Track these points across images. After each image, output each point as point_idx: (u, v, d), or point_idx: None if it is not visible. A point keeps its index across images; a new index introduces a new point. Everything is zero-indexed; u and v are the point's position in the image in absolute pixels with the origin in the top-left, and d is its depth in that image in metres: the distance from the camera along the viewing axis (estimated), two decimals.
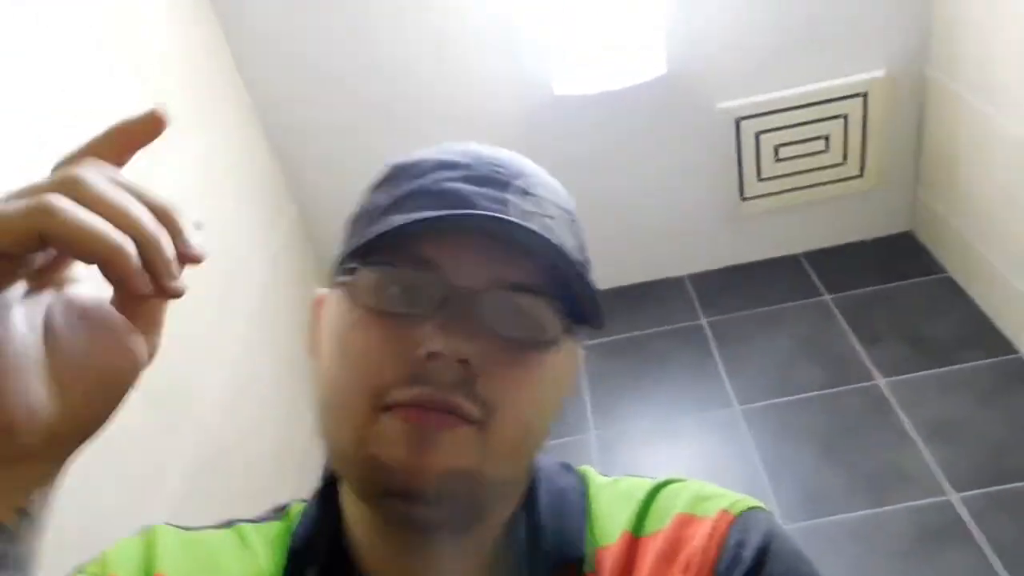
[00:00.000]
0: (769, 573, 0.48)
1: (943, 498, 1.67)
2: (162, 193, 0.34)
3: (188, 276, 0.35)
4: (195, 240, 0.35)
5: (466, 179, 0.49)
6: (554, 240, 0.46)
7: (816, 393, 1.96)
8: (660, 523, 0.53)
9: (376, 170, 0.55)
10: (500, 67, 2.03)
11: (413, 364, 0.45)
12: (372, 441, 0.45)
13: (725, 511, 0.52)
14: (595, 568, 0.52)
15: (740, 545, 0.50)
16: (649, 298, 2.34)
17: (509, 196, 0.48)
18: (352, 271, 0.48)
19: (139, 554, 0.52)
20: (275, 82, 2.02)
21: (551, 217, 0.49)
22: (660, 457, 1.93)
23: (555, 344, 0.49)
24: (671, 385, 2.09)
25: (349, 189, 2.20)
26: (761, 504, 0.54)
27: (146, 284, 0.32)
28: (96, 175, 0.32)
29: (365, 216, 0.51)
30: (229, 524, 0.57)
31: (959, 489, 1.67)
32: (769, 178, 2.22)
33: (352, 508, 0.53)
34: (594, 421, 2.01)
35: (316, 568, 0.52)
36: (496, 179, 0.49)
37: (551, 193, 0.52)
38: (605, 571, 0.51)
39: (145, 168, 1.28)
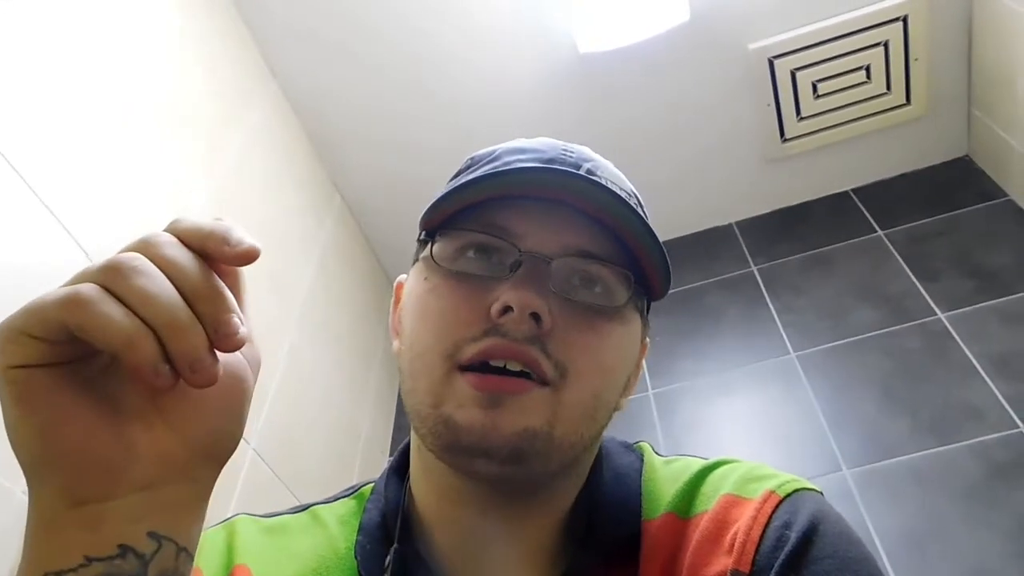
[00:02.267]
0: (814, 556, 0.47)
1: (1014, 431, 1.61)
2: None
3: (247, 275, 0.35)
4: (247, 241, 0.35)
5: (536, 159, 0.52)
6: (626, 202, 0.48)
7: (874, 334, 1.91)
8: (706, 504, 0.53)
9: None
10: (522, 28, 1.99)
11: (486, 320, 0.47)
12: (447, 400, 0.47)
13: (772, 492, 0.52)
14: (640, 541, 0.53)
15: (786, 526, 0.49)
16: (697, 249, 2.30)
17: (579, 173, 0.50)
18: (429, 243, 0.52)
19: (222, 547, 0.54)
20: (298, 61, 2.02)
21: (623, 191, 0.51)
22: (718, 411, 1.91)
23: (621, 313, 0.50)
24: (725, 337, 2.07)
25: (385, 164, 2.24)
26: (813, 485, 0.53)
27: (161, 377, 0.33)
28: (138, 260, 0.33)
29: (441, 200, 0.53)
30: (305, 508, 0.59)
31: None
32: (809, 116, 2.14)
33: (422, 483, 0.54)
34: (651, 381, 2.00)
35: (387, 542, 0.53)
36: (565, 160, 0.52)
37: (617, 179, 0.54)
38: (648, 545, 0.52)
39: (189, 164, 1.29)
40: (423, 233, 0.54)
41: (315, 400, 1.78)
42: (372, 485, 0.60)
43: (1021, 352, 1.74)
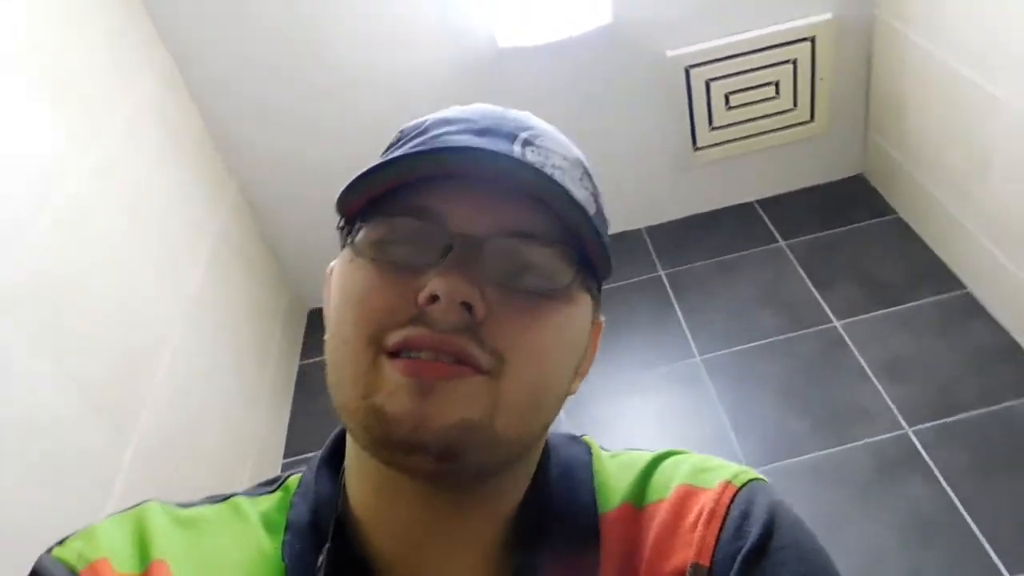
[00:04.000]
0: (774, 546, 0.47)
1: (899, 432, 1.71)
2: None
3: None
4: None
5: (467, 131, 0.48)
6: (555, 180, 0.45)
7: (775, 339, 1.99)
8: (661, 493, 0.52)
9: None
10: (441, 19, 1.97)
11: (413, 306, 0.43)
12: (375, 390, 0.43)
13: (728, 482, 0.51)
14: (598, 533, 0.51)
15: (744, 516, 0.49)
16: None
17: (513, 147, 0.46)
18: (352, 229, 0.48)
19: (132, 538, 0.49)
20: (201, 47, 1.93)
21: (557, 167, 0.47)
22: (626, 412, 1.94)
23: (566, 294, 0.47)
24: (633, 339, 2.10)
25: (288, 159, 2.16)
26: (762, 476, 0.53)
27: None
28: None
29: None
30: (224, 499, 0.54)
31: (913, 423, 1.72)
32: (721, 126, 2.22)
33: (357, 476, 0.50)
34: None
35: (318, 541, 0.49)
36: (499, 131, 0.48)
37: (559, 146, 0.50)
38: (607, 537, 0.51)
39: (80, 126, 1.19)
40: (343, 219, 0.49)
41: (202, 403, 1.65)
42: (299, 476, 0.55)
43: (908, 358, 1.85)
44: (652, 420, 1.91)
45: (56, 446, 1.15)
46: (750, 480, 0.52)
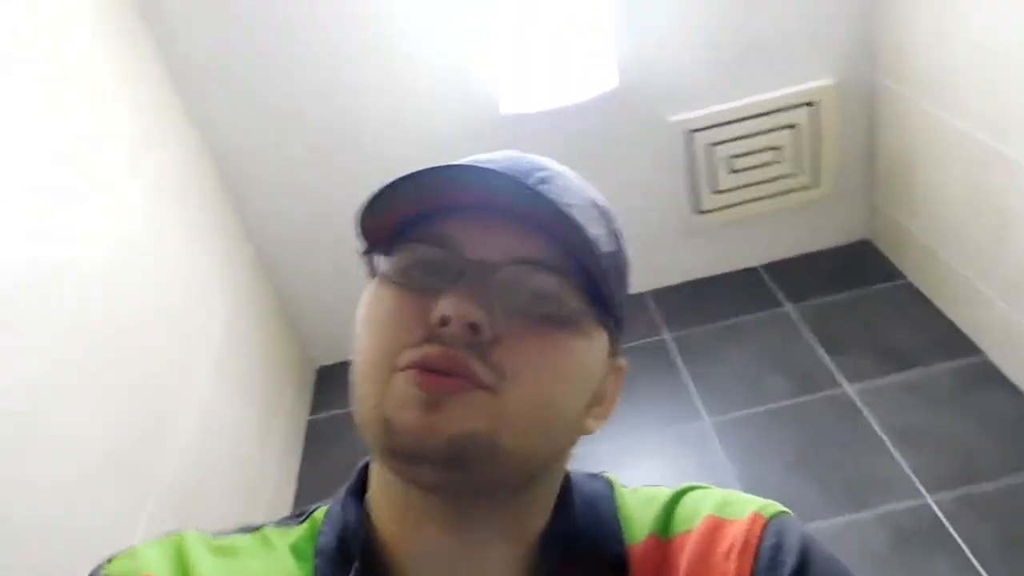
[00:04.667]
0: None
1: (919, 501, 1.62)
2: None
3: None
4: None
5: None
6: (563, 211, 0.46)
7: (785, 403, 1.92)
8: (688, 524, 0.53)
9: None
10: (445, 87, 2.00)
11: (426, 328, 0.46)
12: (388, 401, 0.45)
13: (757, 514, 0.52)
14: (627, 564, 0.52)
15: (776, 548, 0.49)
16: None
17: (528, 181, 0.49)
18: (373, 257, 0.51)
19: (172, 559, 0.51)
20: (219, 114, 1.97)
21: (570, 205, 0.49)
22: (632, 475, 1.85)
23: (575, 323, 0.48)
24: (639, 403, 2.04)
25: (301, 219, 2.16)
26: (788, 510, 0.54)
27: None
28: None
29: None
30: (254, 529, 0.56)
31: (933, 492, 1.64)
32: (724, 190, 2.21)
33: (382, 502, 0.52)
34: None
35: (345, 564, 0.51)
36: (515, 168, 0.51)
37: (574, 186, 0.52)
38: (635, 568, 0.52)
39: (101, 199, 1.21)
40: (366, 245, 0.52)
41: (217, 458, 1.66)
42: (325, 508, 0.57)
43: (924, 425, 1.78)
44: (659, 481, 1.81)
45: (80, 504, 1.15)
46: (778, 512, 0.53)
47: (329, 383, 2.36)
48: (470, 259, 0.47)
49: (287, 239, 2.19)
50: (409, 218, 0.50)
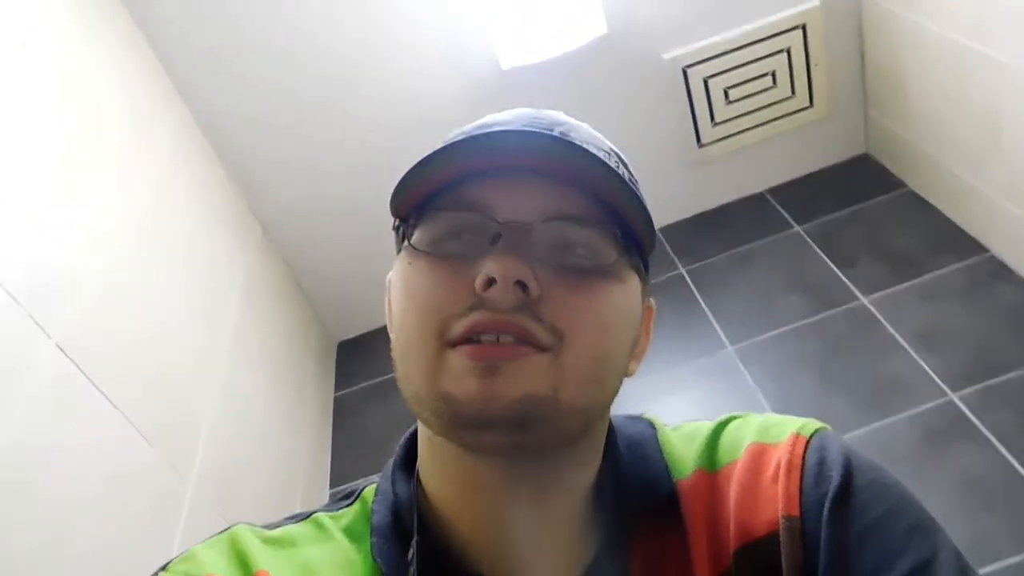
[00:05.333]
0: (857, 487, 0.50)
1: (944, 399, 1.71)
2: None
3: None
4: None
5: (506, 128, 0.50)
6: (602, 158, 0.47)
7: (804, 322, 1.99)
8: (733, 455, 0.54)
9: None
10: (444, 46, 2.01)
11: (472, 295, 0.45)
12: (443, 377, 0.45)
13: (796, 434, 0.53)
14: (678, 500, 0.53)
15: (820, 463, 0.51)
16: None
17: (548, 134, 0.49)
18: (405, 229, 0.51)
19: (230, 556, 0.50)
20: (211, 90, 1.97)
21: (600, 150, 0.50)
22: (664, 410, 1.92)
23: (614, 272, 0.49)
24: (662, 338, 2.08)
25: (304, 190, 2.18)
26: (826, 425, 0.55)
27: None
28: None
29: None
30: (306, 516, 0.56)
31: (956, 389, 1.72)
32: (723, 121, 2.25)
33: (433, 471, 0.52)
34: None
35: (403, 539, 0.51)
36: (537, 125, 0.50)
37: (592, 138, 0.53)
38: (687, 503, 0.53)
39: (103, 193, 1.23)
40: (396, 220, 0.52)
41: (252, 434, 1.70)
42: (374, 486, 0.56)
43: (941, 326, 1.86)
44: (693, 414, 1.89)
45: (126, 488, 1.18)
46: (817, 429, 0.54)
47: (350, 357, 2.39)
48: (503, 221, 0.47)
49: (295, 214, 2.19)
50: (437, 187, 0.49)
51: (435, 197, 0.49)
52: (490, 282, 0.44)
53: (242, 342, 1.79)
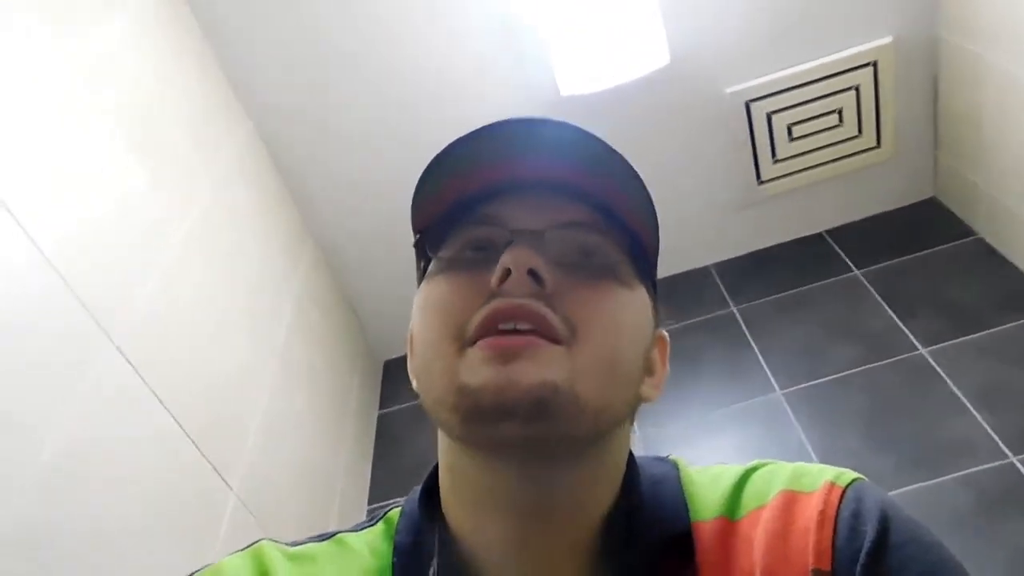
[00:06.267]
0: (894, 543, 0.47)
1: (1003, 461, 1.62)
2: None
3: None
4: None
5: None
6: (596, 136, 0.49)
7: (858, 370, 1.92)
8: (760, 500, 0.52)
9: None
10: (505, 73, 2.02)
11: (488, 294, 0.47)
12: (461, 372, 0.46)
13: (832, 483, 0.51)
14: (694, 541, 0.51)
15: (855, 516, 0.48)
16: (676, 292, 2.31)
17: (544, 119, 0.51)
18: (425, 244, 0.53)
19: (254, 568, 0.52)
20: (276, 108, 2.01)
21: (614, 152, 0.52)
22: (707, 453, 1.89)
23: (622, 277, 0.51)
24: (708, 378, 2.06)
25: (360, 212, 2.21)
26: (863, 476, 0.53)
27: None
28: None
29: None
30: (330, 536, 0.57)
31: (1018, 452, 1.63)
32: (784, 159, 2.20)
33: (453, 494, 0.53)
34: (636, 423, 1.98)
35: (424, 560, 0.52)
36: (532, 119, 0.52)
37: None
38: (703, 545, 0.51)
39: (166, 203, 1.28)
40: (417, 236, 0.55)
41: (295, 445, 1.73)
42: (399, 509, 0.58)
43: (1004, 384, 1.77)
44: (735, 458, 1.84)
45: (172, 491, 1.21)
46: (853, 480, 0.52)
47: (395, 377, 2.40)
48: (516, 229, 0.49)
49: (348, 233, 2.23)
50: (454, 205, 0.52)
51: (452, 214, 0.52)
52: (505, 275, 0.46)
53: (290, 355, 1.82)
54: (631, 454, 0.56)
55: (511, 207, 0.50)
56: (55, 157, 1.19)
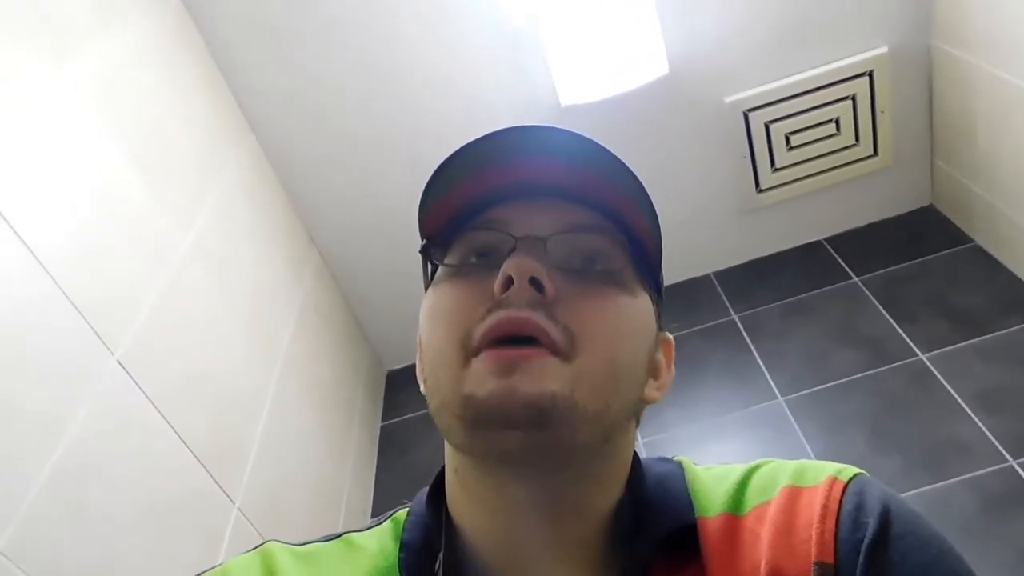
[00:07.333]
0: (895, 535, 0.48)
1: (1003, 464, 1.63)
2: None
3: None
4: None
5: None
6: (596, 143, 0.50)
7: (858, 376, 1.94)
8: (765, 496, 0.53)
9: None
10: (504, 81, 2.04)
11: (491, 301, 0.48)
12: (466, 382, 0.47)
13: (834, 478, 0.52)
14: (699, 536, 0.52)
15: (858, 509, 0.49)
16: (677, 299, 2.32)
17: (547, 127, 0.51)
18: (432, 250, 0.54)
19: (262, 568, 0.53)
20: (280, 123, 2.04)
21: (616, 159, 0.52)
22: (708, 458, 1.89)
23: (624, 282, 0.51)
24: (711, 384, 2.07)
25: (362, 222, 2.22)
26: (864, 471, 0.53)
27: None
28: None
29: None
30: (338, 536, 0.58)
31: (1017, 455, 1.64)
32: (783, 167, 2.22)
33: (460, 496, 0.53)
34: (640, 429, 1.99)
35: (431, 556, 0.52)
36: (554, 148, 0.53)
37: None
38: (708, 540, 0.52)
39: (171, 215, 1.29)
40: (424, 240, 0.56)
41: (298, 458, 1.73)
42: (407, 509, 0.58)
43: (1003, 388, 1.78)
44: (737, 463, 1.86)
45: (174, 505, 1.21)
46: (855, 474, 0.52)
47: (400, 387, 2.41)
48: (518, 235, 0.49)
49: (352, 245, 2.25)
50: (462, 208, 0.53)
51: (459, 219, 0.53)
52: (507, 283, 0.47)
53: (294, 367, 1.83)
54: (635, 454, 0.57)
55: (517, 211, 0.51)
56: (56, 172, 1.20)
